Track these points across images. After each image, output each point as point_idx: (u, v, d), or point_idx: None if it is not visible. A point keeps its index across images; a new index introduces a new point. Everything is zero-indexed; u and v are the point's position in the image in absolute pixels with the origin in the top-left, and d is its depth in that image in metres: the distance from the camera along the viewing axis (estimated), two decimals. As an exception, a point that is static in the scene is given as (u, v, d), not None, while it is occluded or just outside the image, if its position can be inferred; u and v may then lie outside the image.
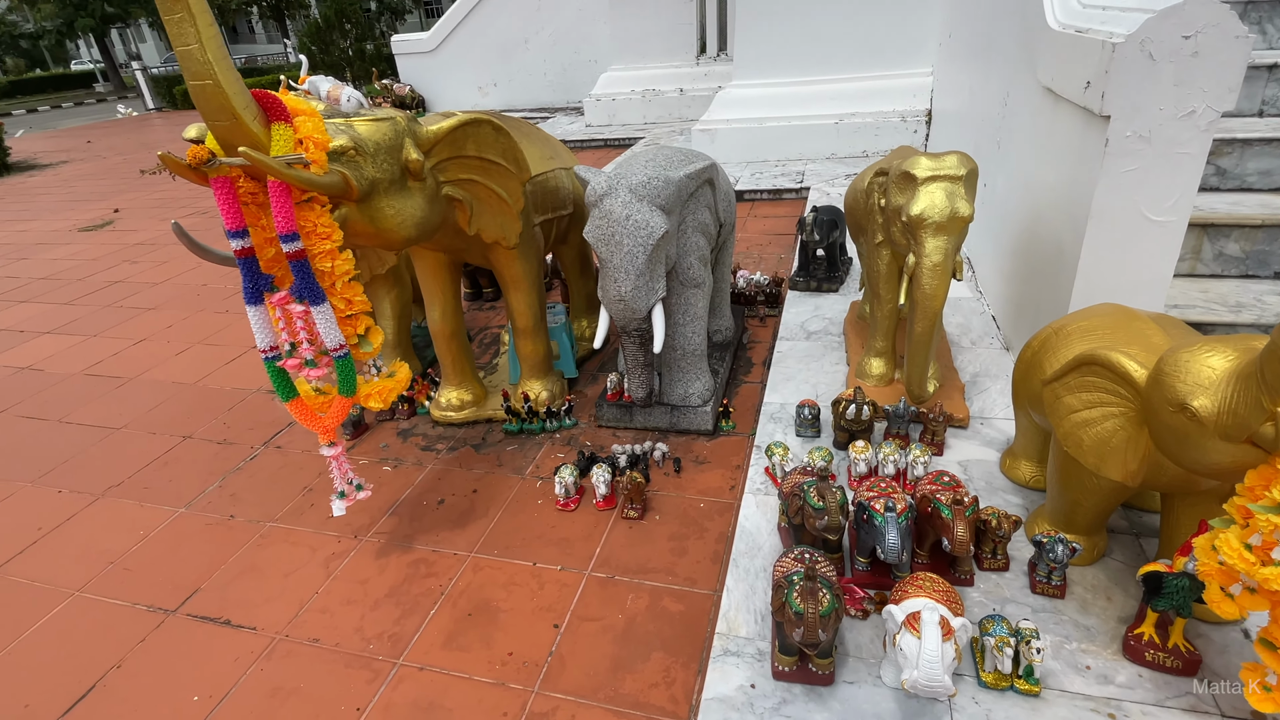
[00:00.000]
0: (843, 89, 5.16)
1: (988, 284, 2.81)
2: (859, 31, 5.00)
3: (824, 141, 5.18)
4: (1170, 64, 1.57)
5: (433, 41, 9.33)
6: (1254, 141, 2.42)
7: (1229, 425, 1.04)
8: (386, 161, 1.73)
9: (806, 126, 5.18)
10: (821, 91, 5.22)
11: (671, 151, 2.25)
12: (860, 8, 4.93)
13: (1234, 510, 1.01)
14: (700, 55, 7.38)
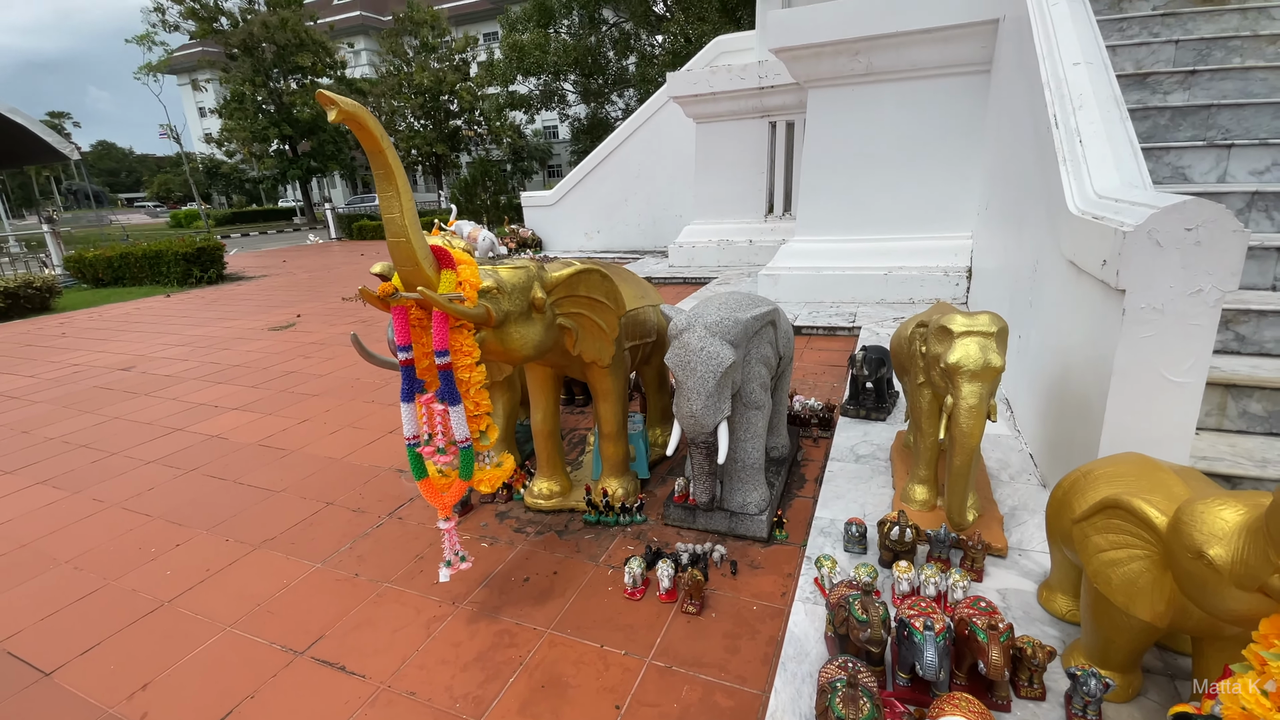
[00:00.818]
0: (891, 246, 5.32)
1: (1025, 424, 2.73)
2: (903, 203, 5.22)
3: (874, 289, 5.29)
4: (1176, 250, 1.61)
5: (553, 198, 10.33)
6: (1268, 313, 2.35)
7: (1241, 575, 1.00)
8: (519, 298, 1.95)
9: (858, 276, 5.33)
10: (871, 248, 5.40)
11: (742, 296, 2.41)
12: (903, 186, 5.18)
13: (1251, 656, 0.95)
14: (768, 214, 7.81)
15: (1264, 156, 2.97)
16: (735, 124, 7.48)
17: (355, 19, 49.89)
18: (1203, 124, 3.25)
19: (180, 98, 56.07)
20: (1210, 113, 3.23)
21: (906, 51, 4.81)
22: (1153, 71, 3.53)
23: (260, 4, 28.46)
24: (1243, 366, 2.30)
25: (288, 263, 13.34)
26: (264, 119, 29.21)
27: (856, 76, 5.04)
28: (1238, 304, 2.41)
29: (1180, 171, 3.09)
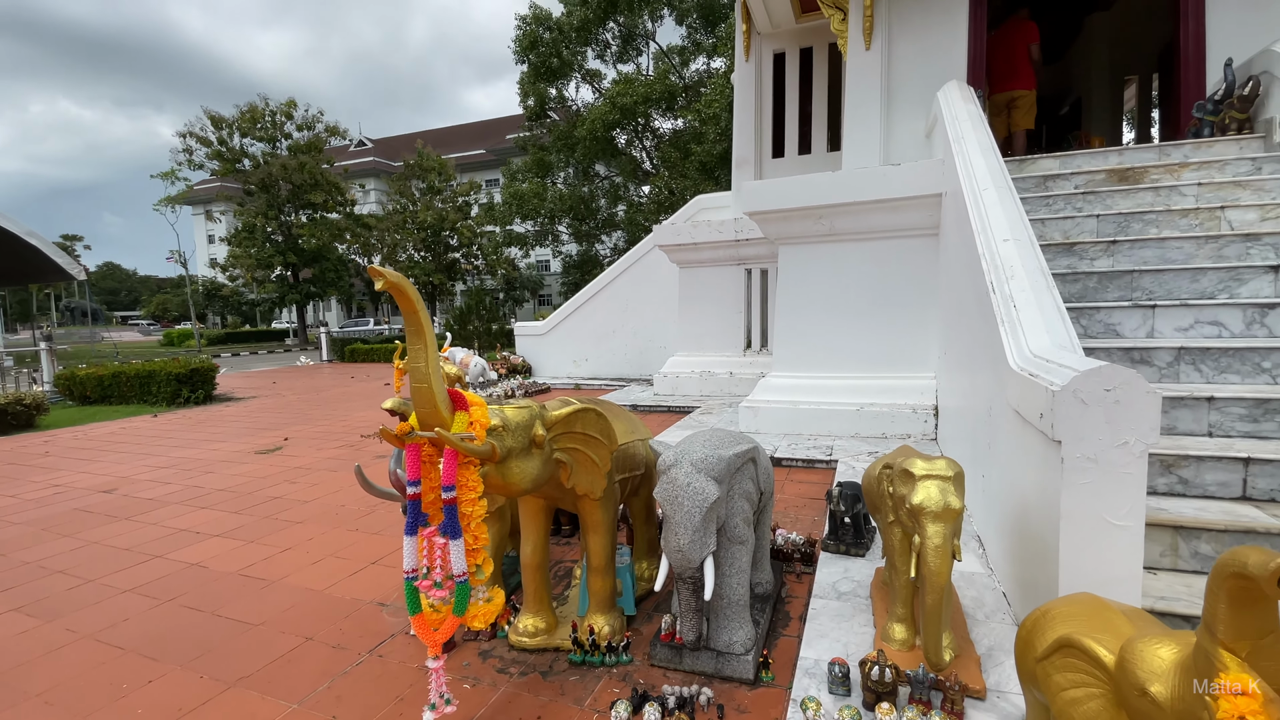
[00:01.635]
0: (861, 384, 5.65)
1: (996, 563, 2.84)
2: (869, 345, 5.64)
3: (848, 424, 5.54)
4: (1100, 408, 1.86)
5: (545, 328, 10.85)
6: (1206, 458, 2.58)
7: (1181, 711, 1.11)
8: (522, 435, 2.13)
9: (833, 411, 5.59)
10: (844, 385, 5.72)
11: (724, 434, 2.60)
12: (868, 330, 5.62)
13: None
14: (746, 349, 8.26)
15: (1187, 315, 3.38)
16: (714, 269, 8.16)
17: (369, 164, 54.35)
18: (1127, 286, 3.71)
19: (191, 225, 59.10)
20: (1133, 276, 3.70)
21: (864, 217, 5.46)
22: (1078, 241, 4.07)
23: (283, 148, 31.12)
24: (1188, 509, 2.48)
25: (278, 384, 13.49)
26: (271, 248, 30.74)
27: (821, 236, 5.66)
28: (1178, 450, 2.65)
29: (1112, 328, 3.49)
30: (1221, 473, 2.57)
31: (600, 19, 24.39)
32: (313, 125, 31.39)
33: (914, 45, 5.98)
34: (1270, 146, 4.51)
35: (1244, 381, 3.01)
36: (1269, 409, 2.75)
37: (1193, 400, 2.84)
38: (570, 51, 25.36)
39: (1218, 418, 2.82)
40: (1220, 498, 2.57)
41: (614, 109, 21.34)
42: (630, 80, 22.89)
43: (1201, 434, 2.84)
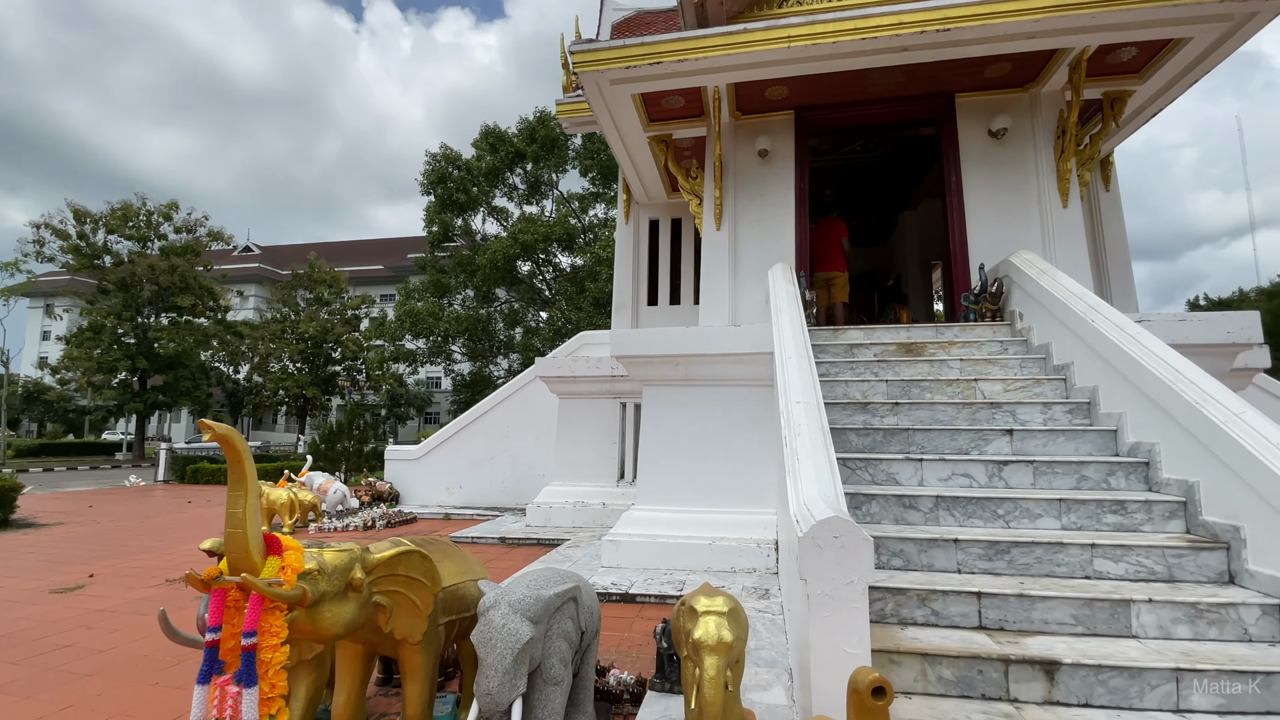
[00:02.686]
0: (714, 519, 6.08)
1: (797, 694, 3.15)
2: (722, 481, 6.17)
3: (702, 558, 5.87)
4: (831, 552, 2.34)
5: (419, 452, 10.63)
6: (950, 592, 3.15)
7: None
8: (338, 579, 2.25)
9: (689, 544, 5.93)
10: (699, 519, 6.12)
11: (551, 573, 2.83)
12: (720, 467, 6.18)
13: None
14: (620, 480, 8.58)
15: (945, 468, 4.17)
16: (591, 401, 8.64)
17: (253, 270, 52.29)
18: (905, 442, 4.52)
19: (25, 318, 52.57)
20: (910, 434, 4.53)
21: (714, 367, 6.23)
22: (871, 401, 4.93)
23: (154, 249, 29.43)
24: (936, 638, 2.98)
25: (95, 508, 11.82)
26: (118, 350, 27.95)
27: (679, 380, 6.34)
28: (930, 585, 3.20)
29: (892, 477, 4.20)
30: (962, 605, 3.13)
31: (508, 165, 26.53)
32: (194, 229, 30.26)
33: (755, 230, 7.24)
34: (1014, 333, 5.82)
35: (985, 525, 3.74)
36: (998, 549, 3.43)
37: (944, 541, 3.48)
38: (479, 190, 27.07)
39: (963, 556, 3.46)
40: (962, 627, 3.10)
41: (516, 244, 22.70)
42: (533, 220, 24.65)
43: (951, 571, 3.45)
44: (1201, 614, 2.95)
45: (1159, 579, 3.25)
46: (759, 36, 6.02)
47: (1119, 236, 8.32)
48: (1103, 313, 4.53)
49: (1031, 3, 5.55)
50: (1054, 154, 6.62)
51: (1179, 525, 3.56)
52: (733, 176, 7.37)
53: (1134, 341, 4.11)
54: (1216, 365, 5.41)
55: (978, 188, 6.81)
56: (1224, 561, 3.23)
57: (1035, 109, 6.78)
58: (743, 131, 7.46)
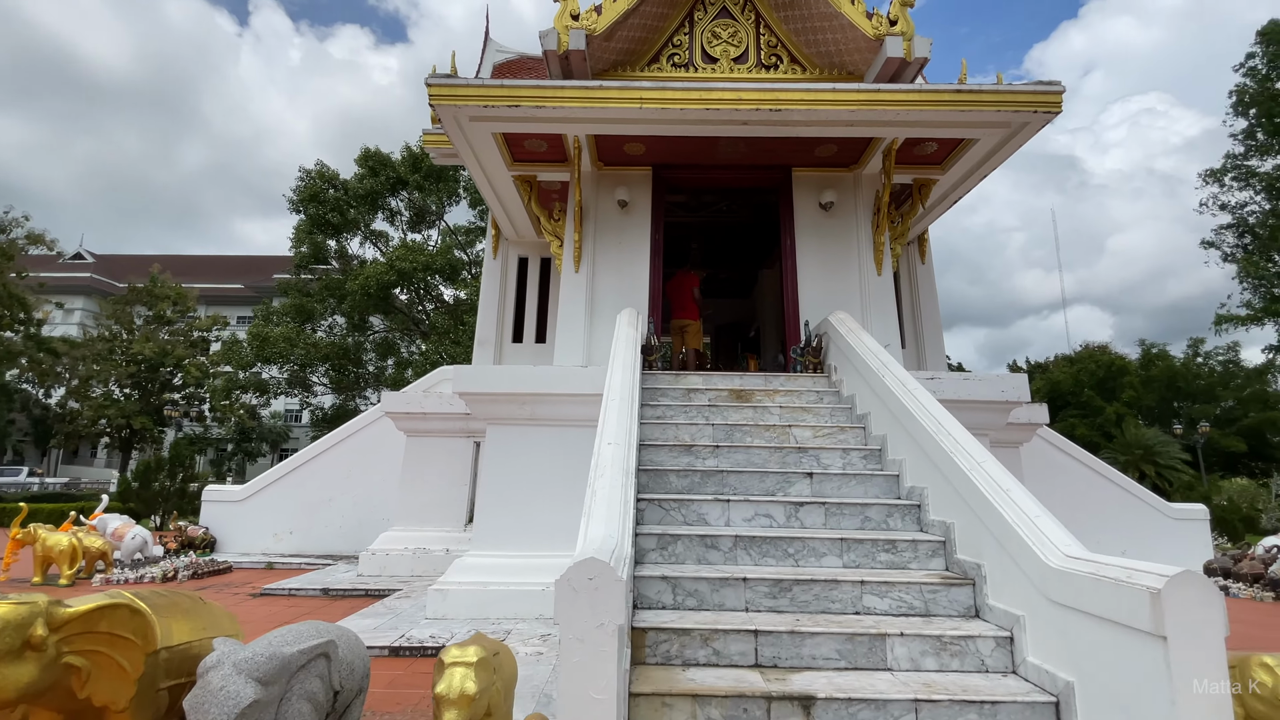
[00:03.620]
0: (551, 563, 5.90)
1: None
2: (560, 524, 6.05)
3: (536, 604, 5.69)
4: (585, 594, 2.33)
5: (243, 493, 9.56)
6: (731, 631, 3.25)
7: None
8: (10, 637, 1.91)
9: (522, 591, 5.73)
10: (537, 564, 5.95)
11: (307, 628, 2.59)
12: (559, 509, 6.08)
13: None
14: (468, 525, 8.20)
15: (750, 509, 4.37)
16: (442, 440, 8.27)
17: (84, 280, 45.98)
18: (720, 483, 4.70)
19: None
20: (724, 476, 4.73)
21: (560, 407, 6.20)
22: (696, 444, 5.12)
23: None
24: (710, 677, 3.04)
25: None
26: (-119, 365, 23.17)
27: (525, 420, 6.24)
28: (713, 625, 3.29)
29: (703, 517, 4.34)
30: (741, 644, 3.24)
31: (390, 190, 25.59)
32: (8, 229, 26.13)
33: (612, 276, 7.44)
34: (830, 384, 6.34)
35: (776, 564, 3.93)
36: (782, 587, 3.61)
37: (734, 580, 3.61)
38: (357, 212, 25.80)
39: (751, 595, 3.61)
40: (739, 665, 3.20)
41: (392, 270, 21.71)
42: (413, 248, 23.79)
43: (740, 609, 3.58)
44: (946, 646, 3.25)
45: (917, 613, 3.57)
46: (614, 94, 6.32)
47: (932, 303, 9.46)
48: (890, 369, 5.06)
49: (849, 97, 6.30)
50: (871, 228, 7.46)
51: (940, 563, 3.95)
52: (593, 222, 7.57)
53: (910, 396, 4.61)
54: (994, 419, 6.21)
55: (809, 252, 7.48)
56: (971, 596, 3.62)
57: (857, 187, 7.64)
58: (604, 181, 7.72)
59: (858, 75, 7.84)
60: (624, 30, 7.74)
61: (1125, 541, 9.30)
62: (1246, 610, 7.24)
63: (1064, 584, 2.81)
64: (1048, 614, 2.96)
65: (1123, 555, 8.29)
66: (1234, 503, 14.19)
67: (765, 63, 8.25)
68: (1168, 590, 2.31)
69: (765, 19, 8.32)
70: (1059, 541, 3.00)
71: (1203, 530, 9.49)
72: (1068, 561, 2.85)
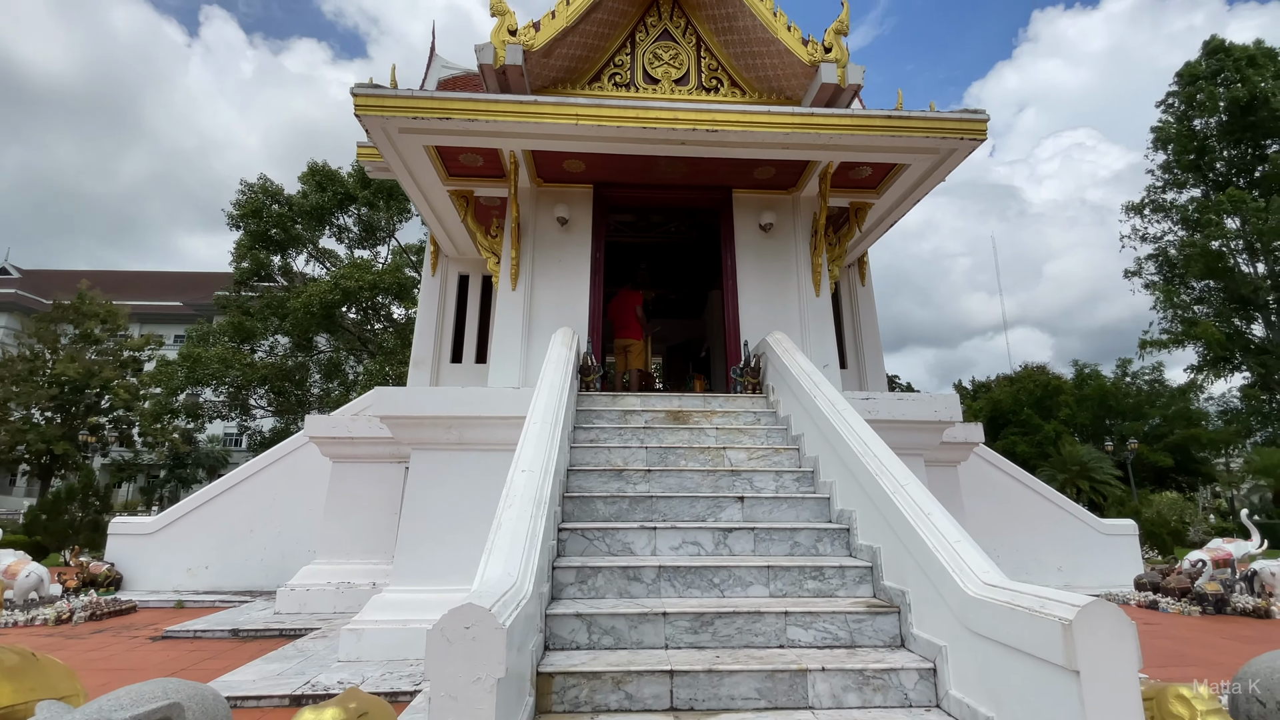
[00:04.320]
0: (477, 596, 5.60)
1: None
2: (486, 554, 5.75)
3: (459, 641, 5.32)
4: (460, 645, 2.08)
5: (155, 526, 8.84)
6: (644, 673, 3.01)
7: None
8: None
9: (446, 627, 5.35)
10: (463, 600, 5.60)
11: (150, 688, 2.25)
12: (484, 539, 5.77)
13: None
14: (398, 554, 7.73)
15: (677, 537, 4.17)
16: (372, 466, 7.83)
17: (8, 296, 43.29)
18: (649, 509, 4.50)
19: None
20: (653, 501, 4.52)
21: (490, 430, 5.91)
22: (628, 468, 4.91)
23: None
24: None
25: None
26: None
27: (453, 445, 5.92)
28: (625, 666, 3.06)
29: (628, 546, 4.12)
30: (656, 686, 3.01)
31: (338, 206, 24.89)
32: (-89, 240, 24.25)
33: (551, 294, 7.23)
34: (768, 404, 6.25)
35: (701, 595, 3.74)
36: (704, 621, 3.41)
37: (654, 616, 3.39)
38: (304, 227, 24.98)
39: (671, 631, 3.39)
40: (654, 709, 2.97)
41: (336, 289, 20.96)
42: (360, 266, 23.09)
43: (659, 647, 3.36)
44: (869, 680, 3.10)
45: (842, 645, 3.41)
46: (548, 110, 6.18)
47: (872, 324, 9.57)
48: (822, 389, 4.99)
49: (782, 119, 6.32)
50: (810, 250, 7.48)
51: (868, 589, 3.83)
52: (532, 239, 7.37)
53: (839, 417, 4.53)
54: (928, 439, 6.21)
55: (749, 272, 7.45)
56: (896, 625, 3.49)
57: (796, 209, 7.67)
58: (544, 198, 7.55)
59: (795, 100, 7.93)
60: (563, 48, 7.66)
61: (1060, 557, 9.48)
62: (1176, 625, 7.39)
63: (982, 613, 2.70)
64: (969, 644, 2.84)
65: (1058, 571, 8.41)
66: (1163, 516, 14.75)
67: (706, 85, 8.28)
68: (1079, 621, 2.21)
69: (706, 42, 8.38)
70: (977, 568, 2.90)
71: (1132, 545, 9.75)
72: (985, 590, 2.75)
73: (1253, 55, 27.95)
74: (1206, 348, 27.39)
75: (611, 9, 7.99)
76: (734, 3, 7.85)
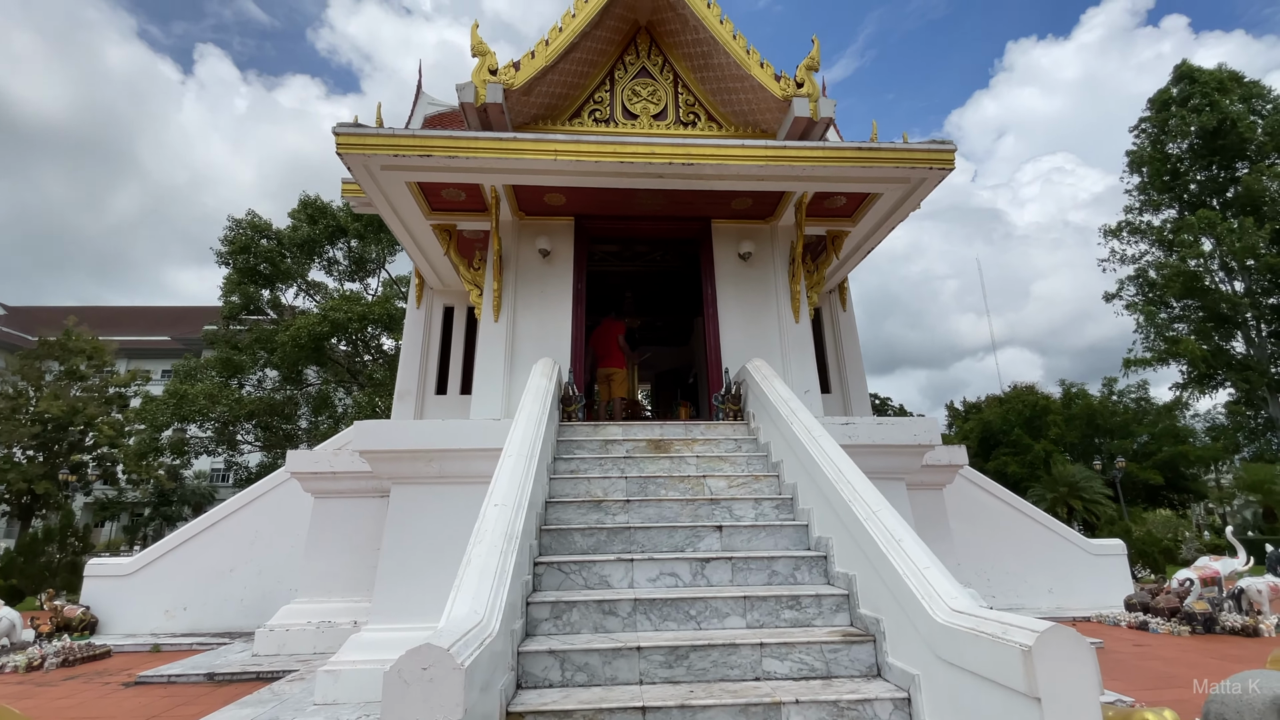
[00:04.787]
0: (458, 633, 5.51)
1: None
2: (466, 589, 5.68)
3: (439, 680, 5.21)
4: (418, 686, 2.07)
5: (132, 566, 8.66)
6: (616, 710, 2.98)
7: None
8: None
9: (425, 666, 5.25)
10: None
11: None
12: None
13: None
14: (380, 591, 7.61)
15: (655, 568, 4.15)
16: (355, 501, 7.75)
17: (-9, 334, 42.84)
18: (628, 541, 4.48)
19: None
20: (632, 532, 4.51)
21: (471, 463, 5.88)
22: (607, 499, 4.90)
23: None
24: None
25: None
26: None
27: (433, 478, 5.88)
28: (601, 704, 3.01)
29: (605, 580, 4.09)
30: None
31: (328, 239, 25.05)
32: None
33: (534, 325, 7.28)
34: (749, 432, 6.27)
35: (678, 628, 3.71)
36: (678, 655, 3.38)
37: (628, 650, 3.36)
38: (293, 261, 25.09)
39: (646, 665, 3.36)
40: None
41: (324, 321, 20.96)
42: (349, 298, 23.14)
43: (634, 682, 3.32)
44: (843, 711, 3.07)
45: (818, 676, 3.38)
46: (528, 146, 6.32)
47: (854, 348, 9.66)
48: (799, 415, 5.03)
49: (756, 153, 6.48)
50: (788, 278, 7.60)
51: (845, 618, 3.81)
52: (514, 271, 7.45)
53: (814, 442, 4.56)
54: (908, 463, 6.23)
55: (729, 301, 7.54)
56: (872, 654, 3.47)
57: (774, 238, 7.81)
58: (526, 230, 7.66)
59: (770, 133, 8.14)
60: (543, 86, 7.85)
61: (1051, 580, 9.44)
62: (1166, 646, 7.35)
63: (950, 640, 2.70)
64: (940, 673, 2.83)
65: (1049, 593, 8.36)
66: (1153, 535, 14.75)
67: (684, 120, 8.50)
68: (1038, 647, 2.23)
69: (683, 79, 8.62)
70: (945, 594, 2.91)
71: (1121, 565, 9.73)
72: (953, 616, 2.75)
73: (1221, 80, 28.95)
74: (1189, 365, 27.74)
75: (590, 49, 8.23)
76: (708, 41, 8.11)
